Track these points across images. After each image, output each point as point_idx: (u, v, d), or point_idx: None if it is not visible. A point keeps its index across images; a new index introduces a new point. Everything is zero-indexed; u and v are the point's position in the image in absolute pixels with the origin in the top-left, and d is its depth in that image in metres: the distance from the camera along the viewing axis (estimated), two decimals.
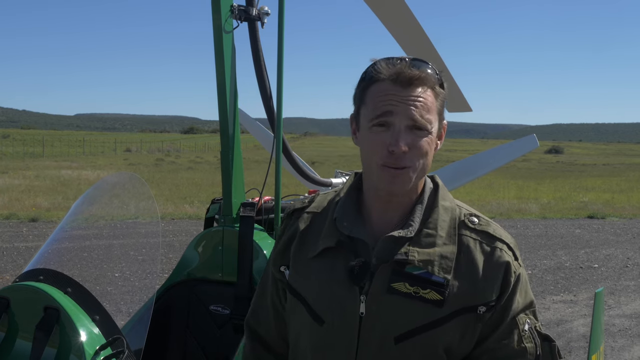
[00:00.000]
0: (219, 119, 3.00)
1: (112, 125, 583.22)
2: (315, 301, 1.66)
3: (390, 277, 1.57)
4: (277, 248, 1.82)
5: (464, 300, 1.57)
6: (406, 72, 1.54)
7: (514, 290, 1.61)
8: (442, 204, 1.66)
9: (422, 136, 1.55)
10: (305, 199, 1.86)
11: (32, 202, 17.86)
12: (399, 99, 1.53)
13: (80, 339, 1.96)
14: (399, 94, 1.54)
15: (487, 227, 1.65)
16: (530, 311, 1.65)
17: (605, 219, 18.15)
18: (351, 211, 1.68)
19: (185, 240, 11.74)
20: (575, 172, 42.75)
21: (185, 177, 29.43)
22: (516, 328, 1.61)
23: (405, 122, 1.53)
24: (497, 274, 1.59)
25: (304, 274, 1.70)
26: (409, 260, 1.56)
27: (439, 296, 1.55)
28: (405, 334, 1.56)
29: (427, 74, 1.56)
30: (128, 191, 2.75)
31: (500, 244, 1.62)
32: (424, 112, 1.54)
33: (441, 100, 1.60)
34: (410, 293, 1.55)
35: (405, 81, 1.54)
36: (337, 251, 1.64)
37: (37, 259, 2.43)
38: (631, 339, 7.30)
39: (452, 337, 1.58)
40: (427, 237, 1.60)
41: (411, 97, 1.54)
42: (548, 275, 10.52)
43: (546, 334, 1.66)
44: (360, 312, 1.58)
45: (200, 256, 3.08)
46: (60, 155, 49.74)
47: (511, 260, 1.61)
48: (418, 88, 1.55)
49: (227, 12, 2.94)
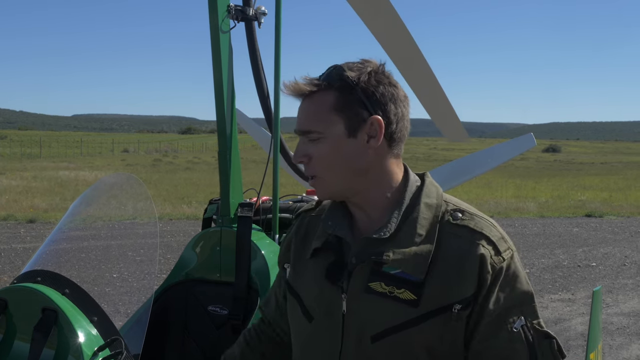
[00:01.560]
0: (217, 119, 3.00)
1: (110, 125, 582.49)
2: (306, 299, 1.71)
3: (369, 277, 1.58)
4: (283, 246, 1.90)
5: (440, 300, 1.53)
6: (299, 87, 1.62)
7: (492, 286, 1.54)
8: (425, 201, 1.62)
9: (317, 141, 1.60)
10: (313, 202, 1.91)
11: (29, 203, 17.83)
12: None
13: (78, 340, 1.96)
14: (300, 107, 1.65)
15: (470, 221, 1.60)
16: (524, 308, 1.57)
17: (603, 217, 18.17)
18: (338, 212, 1.71)
19: (183, 240, 11.73)
20: (572, 171, 42.79)
21: (183, 177, 29.41)
22: (503, 328, 1.54)
23: (300, 134, 1.64)
24: (472, 269, 1.53)
25: (301, 273, 1.76)
26: (384, 260, 1.56)
27: (413, 296, 1.53)
28: (380, 333, 1.56)
29: (318, 81, 1.61)
30: (126, 192, 2.75)
31: (479, 237, 1.56)
32: (310, 116, 1.61)
33: (348, 97, 1.58)
34: (385, 293, 1.55)
35: (300, 95, 1.64)
36: (325, 251, 1.68)
37: (35, 260, 2.43)
38: (629, 337, 7.31)
39: (430, 338, 1.54)
40: (405, 237, 1.58)
41: (302, 107, 1.64)
42: (546, 273, 10.53)
43: (546, 331, 1.58)
44: (343, 310, 1.61)
45: (198, 257, 3.08)
46: (58, 156, 49.67)
47: (488, 254, 1.54)
48: (308, 98, 1.62)
49: (224, 12, 2.94)
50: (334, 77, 1.59)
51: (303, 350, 1.73)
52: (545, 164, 53.63)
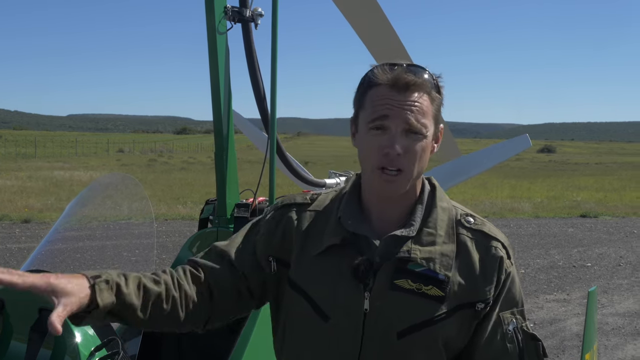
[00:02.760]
0: (213, 120, 3.00)
1: (105, 125, 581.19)
2: (320, 298, 1.68)
3: (394, 275, 1.62)
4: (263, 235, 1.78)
5: (464, 297, 1.62)
6: (403, 77, 1.59)
7: (503, 289, 1.66)
8: (440, 205, 1.72)
9: (417, 140, 1.60)
10: (306, 196, 1.86)
11: (24, 203, 17.79)
12: (396, 104, 1.58)
13: (75, 340, 1.96)
14: (395, 98, 1.59)
15: (483, 226, 1.70)
16: (517, 311, 1.68)
17: (598, 217, 18.23)
18: (354, 210, 1.72)
19: (178, 241, 11.71)
20: (567, 171, 42.88)
21: (178, 177, 29.37)
22: (500, 326, 1.65)
23: (401, 126, 1.58)
24: (492, 271, 1.64)
25: (309, 270, 1.71)
26: (412, 258, 1.61)
27: (440, 292, 1.60)
28: (407, 329, 1.60)
29: (424, 80, 1.61)
30: (122, 192, 2.75)
31: (495, 242, 1.68)
32: (420, 117, 1.59)
33: (437, 105, 1.65)
34: (413, 289, 1.60)
35: (402, 86, 1.59)
36: (341, 249, 1.68)
37: (32, 260, 2.43)
38: (624, 338, 7.34)
39: (450, 332, 1.63)
40: (427, 236, 1.65)
41: (407, 102, 1.59)
42: (541, 274, 10.56)
43: (533, 333, 1.69)
44: (365, 308, 1.62)
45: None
46: (53, 156, 49.56)
47: (504, 257, 1.67)
48: (414, 93, 1.60)
49: (220, 13, 2.94)
50: (432, 82, 1.64)
51: (316, 350, 1.69)
52: (540, 164, 53.75)
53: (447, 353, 1.65)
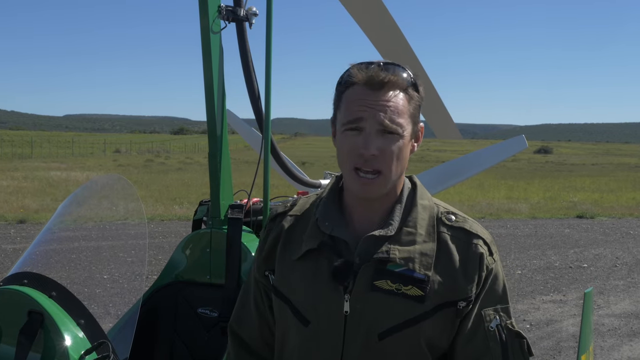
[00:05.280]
0: (207, 120, 2.98)
1: (101, 126, 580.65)
2: (299, 303, 1.68)
3: (373, 276, 1.60)
4: (262, 254, 1.83)
5: (445, 296, 1.61)
6: (378, 75, 1.57)
7: (484, 286, 1.65)
8: (421, 203, 1.70)
9: (393, 140, 1.59)
10: (287, 203, 1.87)
11: (20, 204, 17.74)
12: (370, 104, 1.57)
13: (64, 343, 1.94)
14: (369, 98, 1.57)
15: (464, 223, 1.69)
16: (501, 308, 1.66)
17: (594, 218, 18.24)
18: (333, 212, 1.71)
19: (174, 241, 11.68)
20: (564, 172, 42.94)
21: (174, 178, 29.32)
22: (481, 324, 1.63)
23: (375, 127, 1.57)
24: (473, 268, 1.63)
25: (289, 276, 1.72)
26: (390, 258, 1.60)
27: (420, 292, 1.59)
28: (388, 330, 1.59)
29: (399, 77, 1.59)
30: (115, 193, 2.73)
31: (476, 239, 1.67)
32: (394, 116, 1.58)
33: (415, 104, 1.64)
34: (392, 290, 1.59)
35: (376, 84, 1.57)
36: (319, 252, 1.67)
37: (22, 262, 2.40)
38: (620, 339, 7.33)
39: (434, 332, 1.61)
40: (407, 235, 1.64)
41: (381, 101, 1.57)
42: (537, 275, 10.56)
43: (517, 331, 1.67)
44: (345, 310, 1.61)
45: (188, 258, 3.06)
46: (49, 156, 49.48)
47: (485, 254, 1.65)
48: (389, 91, 1.58)
49: (214, 12, 2.92)
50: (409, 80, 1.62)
51: (301, 354, 1.69)
52: (537, 165, 53.82)
53: (432, 353, 1.64)
